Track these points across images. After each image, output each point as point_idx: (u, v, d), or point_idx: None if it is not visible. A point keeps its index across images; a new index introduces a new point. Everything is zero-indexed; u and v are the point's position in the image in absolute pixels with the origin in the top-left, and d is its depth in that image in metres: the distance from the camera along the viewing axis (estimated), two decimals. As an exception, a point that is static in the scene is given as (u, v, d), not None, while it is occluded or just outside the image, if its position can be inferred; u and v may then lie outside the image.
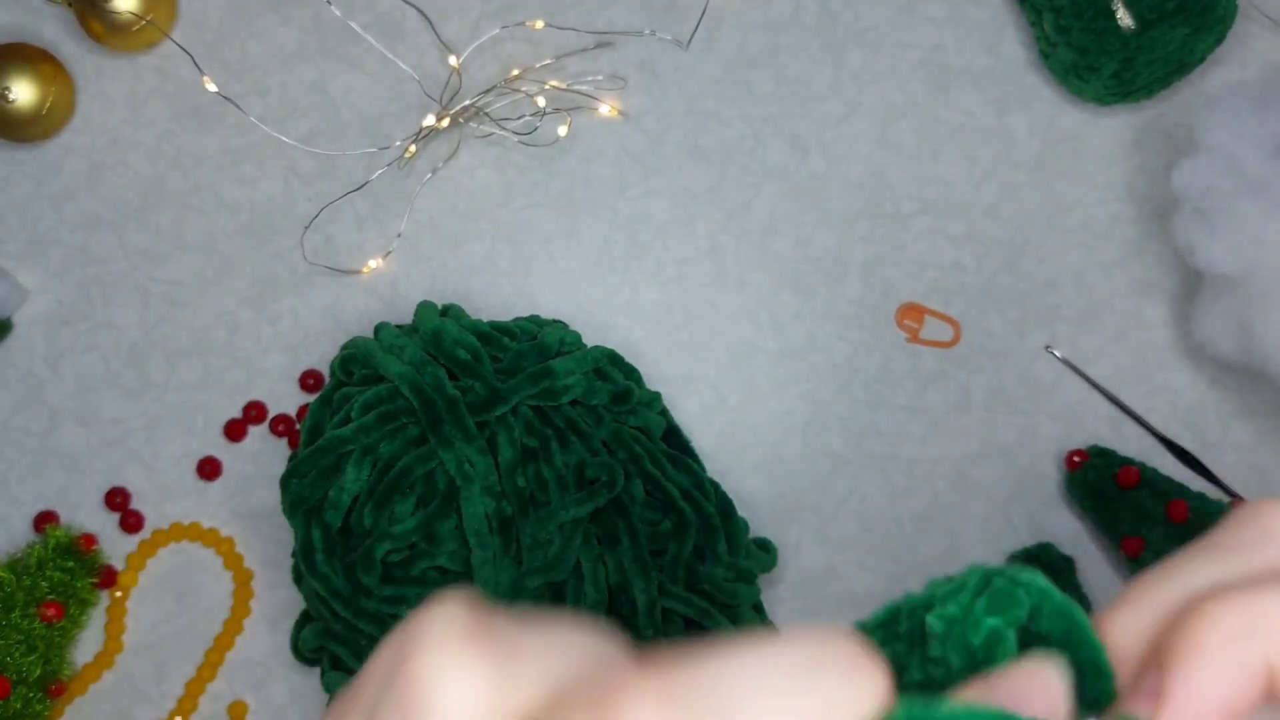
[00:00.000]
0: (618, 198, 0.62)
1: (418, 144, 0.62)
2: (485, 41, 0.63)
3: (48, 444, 0.61)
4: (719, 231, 0.62)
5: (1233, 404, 0.61)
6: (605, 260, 0.62)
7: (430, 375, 0.52)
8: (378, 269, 0.62)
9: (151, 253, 0.62)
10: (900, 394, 0.61)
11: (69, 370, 0.61)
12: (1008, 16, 0.63)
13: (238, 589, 0.59)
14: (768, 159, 0.62)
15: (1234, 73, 0.63)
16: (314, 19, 0.63)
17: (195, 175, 0.62)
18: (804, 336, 0.61)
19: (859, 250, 0.62)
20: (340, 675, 0.54)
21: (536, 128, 0.62)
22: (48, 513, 0.60)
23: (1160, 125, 0.63)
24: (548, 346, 0.54)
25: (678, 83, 0.63)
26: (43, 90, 0.60)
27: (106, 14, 0.60)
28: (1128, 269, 0.62)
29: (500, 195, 0.62)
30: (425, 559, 0.52)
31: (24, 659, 0.55)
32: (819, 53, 0.63)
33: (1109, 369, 0.61)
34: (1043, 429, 0.60)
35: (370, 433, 0.52)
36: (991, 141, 0.63)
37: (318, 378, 0.61)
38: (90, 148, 0.62)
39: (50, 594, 0.57)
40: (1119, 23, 0.58)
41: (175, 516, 0.60)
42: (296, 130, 0.62)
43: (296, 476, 0.53)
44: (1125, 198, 0.62)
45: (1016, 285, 0.62)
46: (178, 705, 0.58)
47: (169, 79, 0.63)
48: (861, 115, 0.63)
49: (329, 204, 0.62)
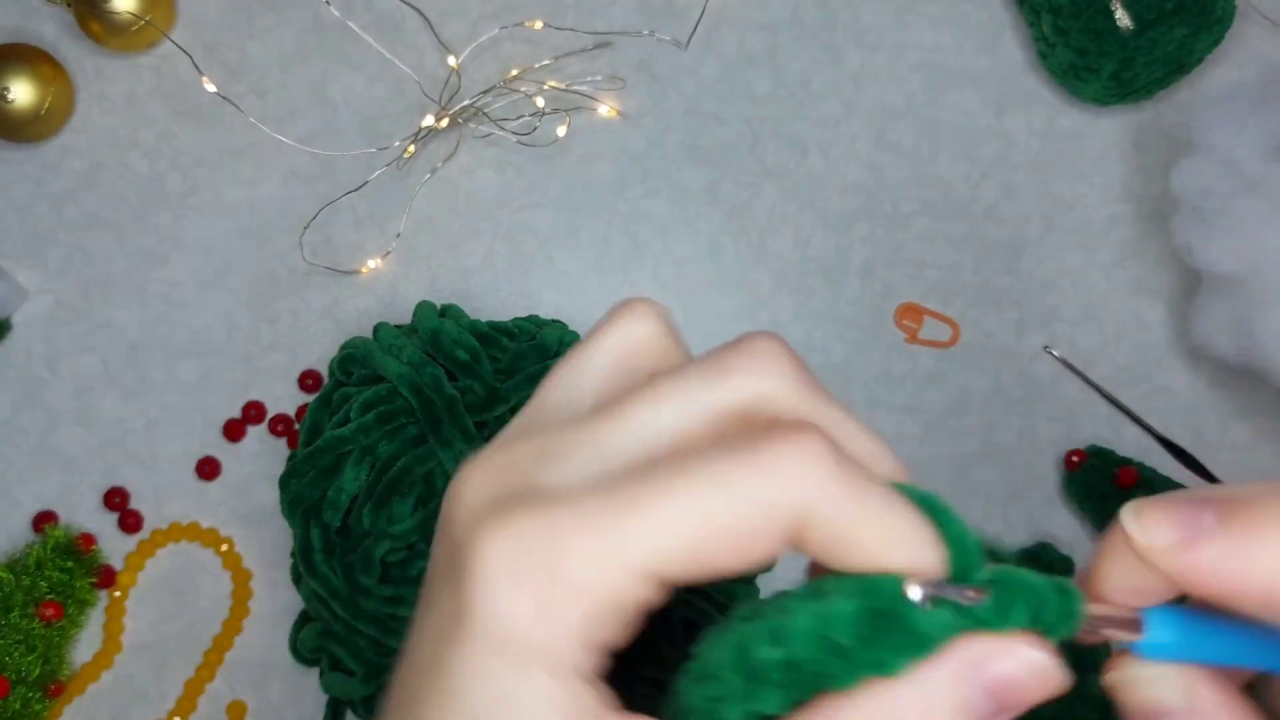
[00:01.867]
0: (617, 198, 0.62)
1: (417, 144, 0.62)
2: (484, 42, 0.63)
3: (47, 444, 0.60)
4: (718, 232, 0.62)
5: (1231, 404, 0.61)
6: (604, 260, 0.62)
7: (429, 375, 0.52)
8: (377, 269, 0.62)
9: (150, 253, 0.62)
10: (899, 394, 0.61)
11: (68, 370, 0.61)
12: (1006, 17, 0.64)
13: (236, 589, 0.59)
14: (767, 159, 0.62)
15: (1232, 73, 0.63)
16: (313, 19, 0.63)
17: (194, 175, 0.62)
18: (803, 337, 0.61)
19: (858, 250, 0.62)
20: (339, 676, 0.54)
21: (536, 128, 0.62)
22: (47, 513, 0.60)
23: (1159, 126, 0.63)
24: (547, 346, 0.55)
25: (677, 83, 0.63)
26: (42, 90, 0.60)
27: (105, 14, 0.60)
28: (1126, 269, 0.62)
29: (499, 195, 0.62)
30: (424, 559, 0.52)
31: (23, 659, 0.55)
32: (818, 53, 0.63)
33: (1108, 369, 0.61)
34: (1041, 429, 0.61)
35: (369, 433, 0.52)
36: (990, 142, 0.63)
37: (316, 378, 0.61)
38: (89, 148, 0.63)
39: (49, 594, 0.57)
40: (1117, 23, 0.58)
41: (174, 517, 0.60)
42: (295, 130, 0.62)
43: (295, 476, 0.53)
44: (1124, 198, 0.62)
45: (1015, 285, 0.62)
46: (176, 705, 0.58)
47: (168, 79, 0.63)
48: (860, 116, 0.63)
49: (328, 204, 0.62)
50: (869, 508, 0.24)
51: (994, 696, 0.24)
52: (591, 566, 0.24)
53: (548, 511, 0.25)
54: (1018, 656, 0.24)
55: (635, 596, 0.25)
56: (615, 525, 0.24)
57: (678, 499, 0.24)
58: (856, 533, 0.24)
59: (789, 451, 0.24)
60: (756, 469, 0.24)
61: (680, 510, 0.24)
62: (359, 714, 0.54)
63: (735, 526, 0.24)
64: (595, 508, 0.24)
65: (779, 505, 0.24)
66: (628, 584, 0.24)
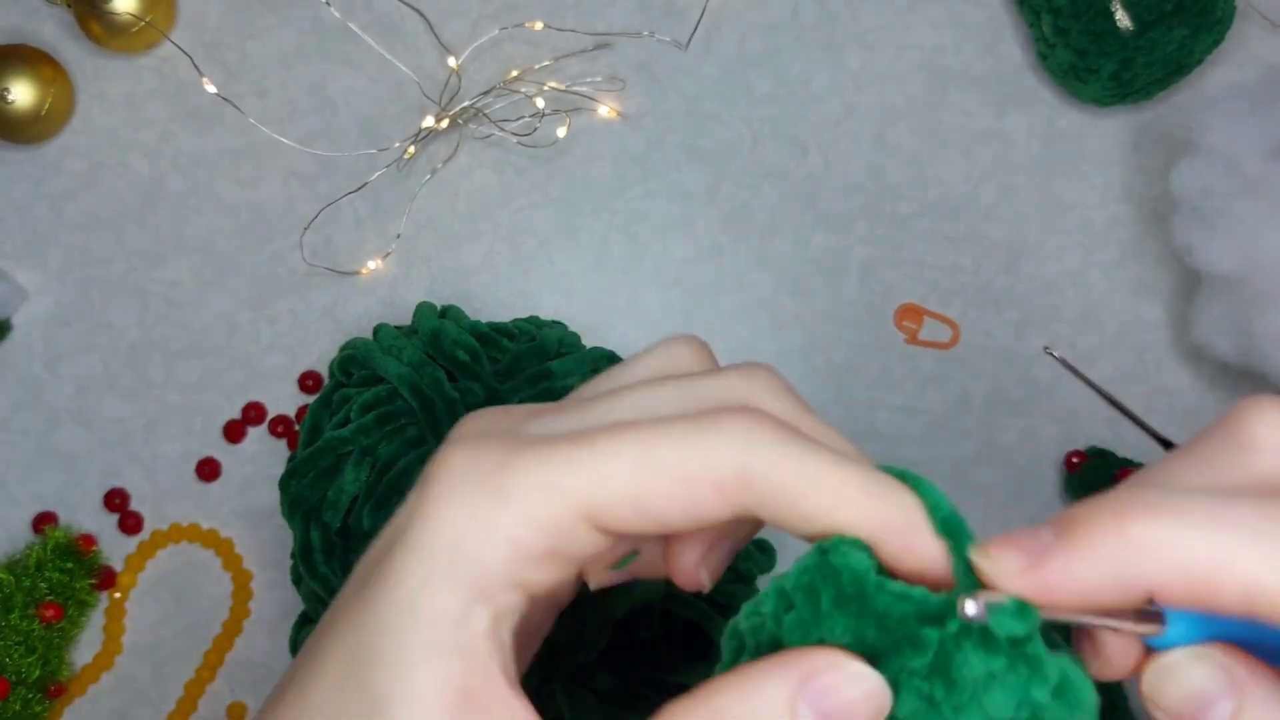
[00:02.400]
0: (617, 199, 0.62)
1: (417, 145, 0.62)
2: (484, 43, 0.63)
3: (47, 445, 0.61)
4: (718, 232, 0.62)
5: (1231, 404, 0.61)
6: (604, 261, 0.62)
7: (429, 376, 0.52)
8: (377, 270, 0.62)
9: (151, 253, 0.62)
10: (899, 395, 0.61)
11: (68, 371, 0.61)
12: (1006, 18, 0.64)
13: (237, 590, 0.59)
14: (767, 160, 0.62)
15: (1232, 74, 0.63)
16: (313, 20, 0.63)
17: (194, 176, 0.62)
18: (803, 337, 0.61)
19: (858, 251, 0.62)
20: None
21: (535, 129, 0.62)
22: (47, 514, 0.60)
23: (1159, 126, 0.63)
24: (547, 347, 0.54)
25: (677, 84, 0.63)
26: (42, 91, 0.60)
27: (106, 15, 0.60)
28: (1126, 270, 0.62)
29: (499, 196, 0.62)
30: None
31: (23, 660, 0.55)
32: (818, 54, 0.63)
33: (1108, 370, 0.61)
34: (1042, 430, 0.61)
35: (369, 433, 0.52)
36: (990, 142, 0.63)
37: (317, 379, 0.61)
38: (89, 149, 0.63)
39: (49, 595, 0.57)
40: (1117, 24, 0.58)
41: (174, 517, 0.60)
42: (295, 131, 0.62)
43: (295, 477, 0.53)
44: (1124, 199, 0.62)
45: (1015, 286, 0.62)
46: (177, 706, 0.58)
47: (168, 80, 0.63)
48: (860, 116, 0.63)
49: (328, 205, 0.62)
50: (811, 466, 0.25)
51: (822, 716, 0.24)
52: (532, 488, 0.25)
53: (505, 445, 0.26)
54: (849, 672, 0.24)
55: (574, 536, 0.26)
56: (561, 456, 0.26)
57: (622, 441, 0.26)
58: (799, 489, 0.25)
59: (735, 415, 0.26)
60: (702, 426, 0.26)
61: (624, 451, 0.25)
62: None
63: (675, 473, 0.25)
64: (549, 448, 0.26)
65: (719, 457, 0.25)
66: (567, 519, 0.25)
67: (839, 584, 0.25)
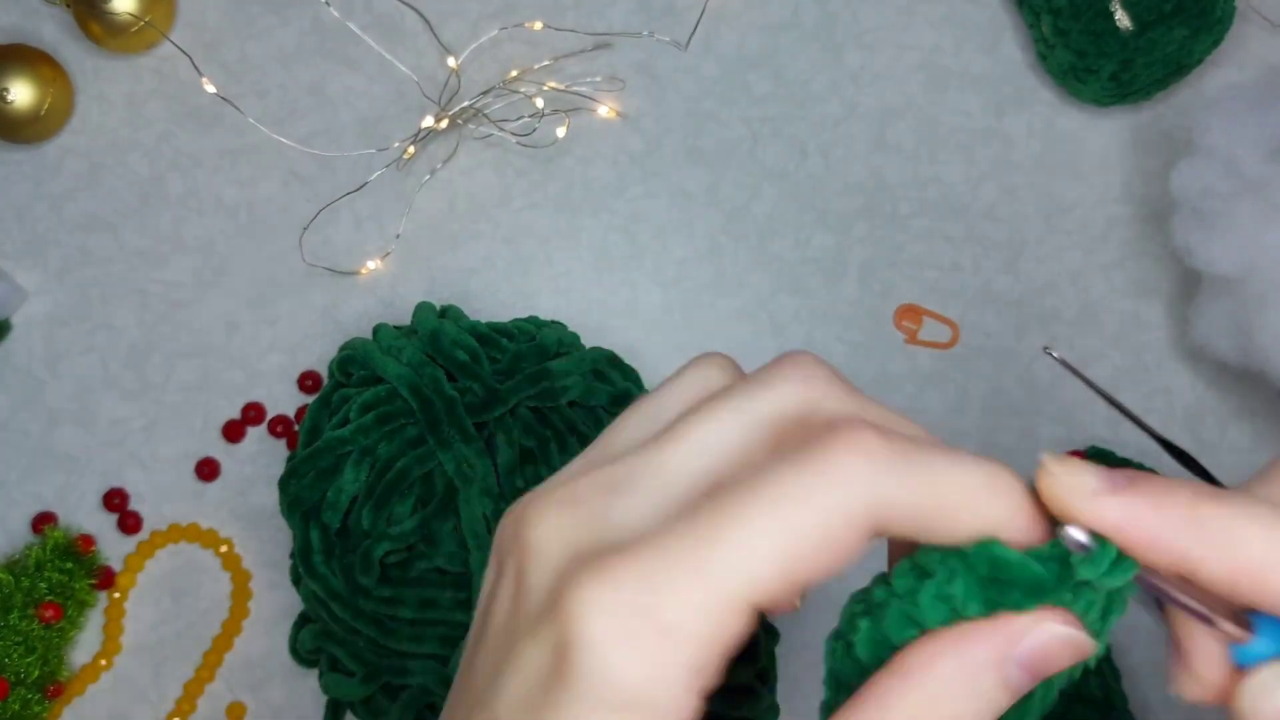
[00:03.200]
0: (616, 199, 0.62)
1: (416, 145, 0.62)
2: (484, 43, 0.63)
3: (46, 445, 0.61)
4: (718, 232, 0.62)
5: (1231, 405, 0.61)
6: (604, 261, 0.62)
7: (429, 376, 0.52)
8: (376, 270, 0.62)
9: (150, 254, 0.62)
10: (899, 395, 0.61)
11: (67, 371, 0.61)
12: (1006, 18, 0.64)
13: (236, 590, 0.59)
14: (766, 160, 0.62)
15: (1232, 74, 0.63)
16: (313, 20, 0.63)
17: (194, 176, 0.62)
18: (803, 337, 0.61)
19: (857, 251, 0.62)
20: (338, 677, 0.54)
21: (535, 129, 0.62)
22: (46, 514, 0.60)
23: (1158, 127, 0.63)
24: (546, 347, 0.54)
25: (676, 84, 0.63)
26: (41, 91, 0.60)
27: (105, 15, 0.60)
28: (1126, 270, 0.62)
29: (499, 196, 0.62)
30: (424, 560, 0.52)
31: (22, 660, 0.55)
32: (817, 54, 0.63)
33: (1107, 370, 0.61)
34: (1041, 430, 0.60)
35: (369, 434, 0.52)
36: (990, 143, 0.63)
37: (316, 379, 0.61)
38: (89, 149, 0.63)
39: (49, 595, 0.57)
40: (1117, 24, 0.58)
41: (174, 518, 0.60)
42: (295, 131, 0.62)
43: (295, 477, 0.53)
44: (1123, 199, 0.62)
45: (1015, 286, 0.62)
46: (176, 706, 0.58)
47: (167, 80, 0.63)
48: (860, 116, 0.63)
49: (327, 205, 0.62)
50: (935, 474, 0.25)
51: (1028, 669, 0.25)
52: (693, 609, 0.24)
53: (636, 559, 0.25)
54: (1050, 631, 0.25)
55: (737, 629, 0.25)
56: (707, 562, 0.24)
57: (758, 523, 0.24)
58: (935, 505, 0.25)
59: (843, 448, 0.25)
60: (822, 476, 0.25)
61: (764, 534, 0.24)
62: (358, 715, 0.54)
63: (819, 537, 0.24)
64: (682, 547, 0.25)
65: (853, 507, 0.25)
66: (730, 619, 0.25)
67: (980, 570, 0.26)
